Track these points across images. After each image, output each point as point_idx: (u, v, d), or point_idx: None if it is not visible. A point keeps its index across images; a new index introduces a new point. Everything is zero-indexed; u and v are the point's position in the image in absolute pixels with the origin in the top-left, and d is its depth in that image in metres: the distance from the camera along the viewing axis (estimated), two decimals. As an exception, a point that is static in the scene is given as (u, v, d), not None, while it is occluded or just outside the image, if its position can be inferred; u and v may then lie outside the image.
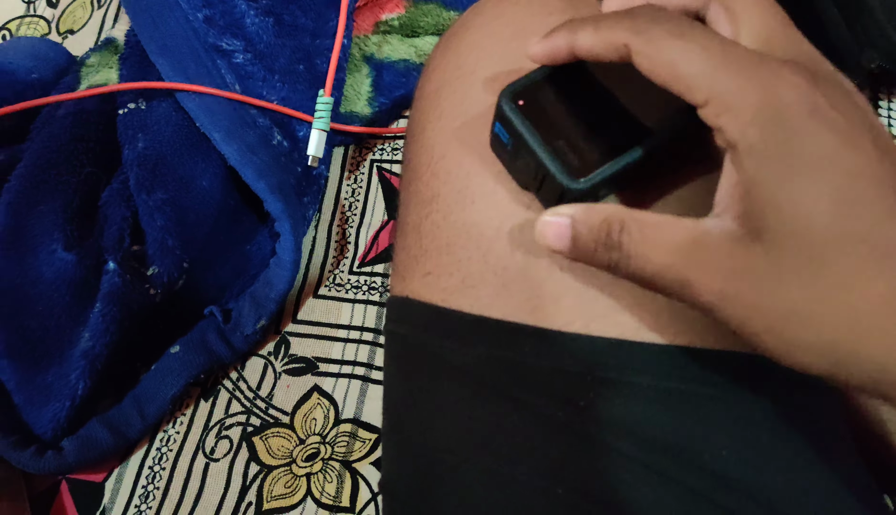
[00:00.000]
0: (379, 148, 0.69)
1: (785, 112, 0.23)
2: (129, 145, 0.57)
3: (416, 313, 0.38)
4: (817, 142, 0.23)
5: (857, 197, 0.23)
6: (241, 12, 0.62)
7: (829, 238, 0.23)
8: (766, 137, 0.23)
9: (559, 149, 0.27)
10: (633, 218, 0.26)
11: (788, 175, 0.23)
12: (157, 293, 0.54)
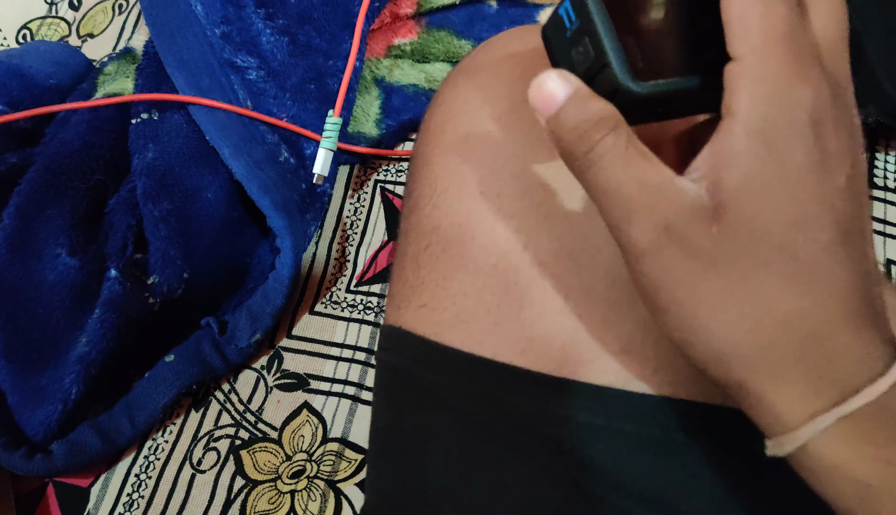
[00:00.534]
0: (384, 168, 0.70)
1: (793, 112, 0.23)
2: (138, 154, 0.58)
3: (409, 344, 0.38)
4: (805, 154, 0.23)
5: (811, 221, 0.23)
6: (258, 30, 0.64)
7: (772, 247, 0.23)
8: (765, 127, 0.23)
9: (628, 44, 0.25)
10: (628, 132, 0.25)
11: (768, 172, 0.23)
12: (156, 302, 0.55)
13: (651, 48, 0.25)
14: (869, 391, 0.23)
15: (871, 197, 0.25)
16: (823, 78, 0.23)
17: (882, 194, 0.61)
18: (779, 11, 0.23)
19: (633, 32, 0.25)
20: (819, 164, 0.23)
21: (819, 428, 0.23)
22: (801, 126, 0.23)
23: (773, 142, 0.23)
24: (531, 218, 0.37)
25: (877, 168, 0.62)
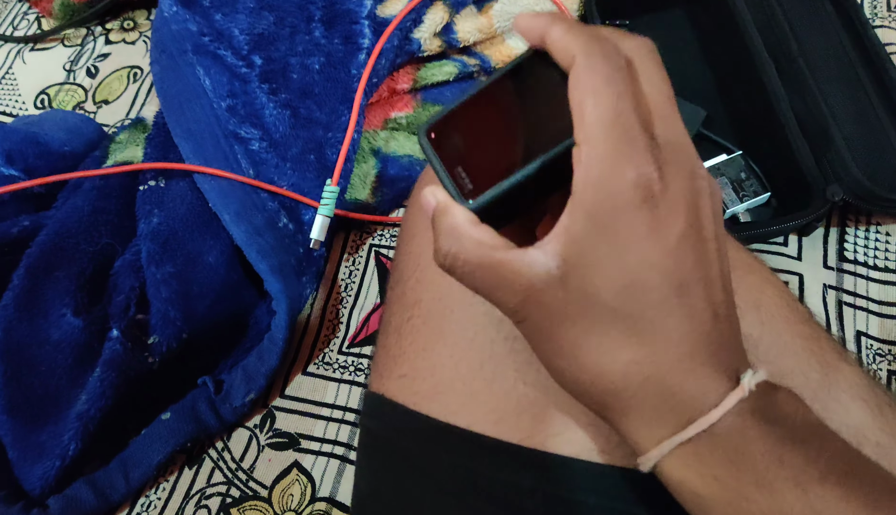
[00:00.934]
0: (379, 233, 0.73)
1: (616, 193, 0.26)
2: (144, 219, 0.61)
3: (389, 413, 0.41)
4: (629, 229, 0.26)
5: (640, 284, 0.26)
6: (262, 104, 0.67)
7: (607, 309, 0.27)
8: (597, 202, 0.26)
9: (457, 174, 0.30)
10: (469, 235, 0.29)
11: (599, 248, 0.26)
12: (155, 361, 0.57)
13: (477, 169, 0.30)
14: (700, 422, 0.26)
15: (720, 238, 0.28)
16: (648, 153, 0.26)
17: (851, 267, 0.63)
18: (606, 101, 0.26)
19: (461, 162, 0.30)
20: (645, 234, 0.26)
21: (664, 452, 0.27)
22: (624, 204, 0.26)
23: (600, 221, 0.26)
24: None
25: (846, 243, 0.64)
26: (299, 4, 0.72)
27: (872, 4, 0.77)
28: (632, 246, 0.26)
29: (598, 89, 0.26)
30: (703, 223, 0.27)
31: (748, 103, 0.70)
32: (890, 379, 0.58)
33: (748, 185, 0.66)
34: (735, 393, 0.27)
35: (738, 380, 0.27)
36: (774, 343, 0.41)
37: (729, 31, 0.71)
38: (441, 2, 0.76)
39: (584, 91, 0.26)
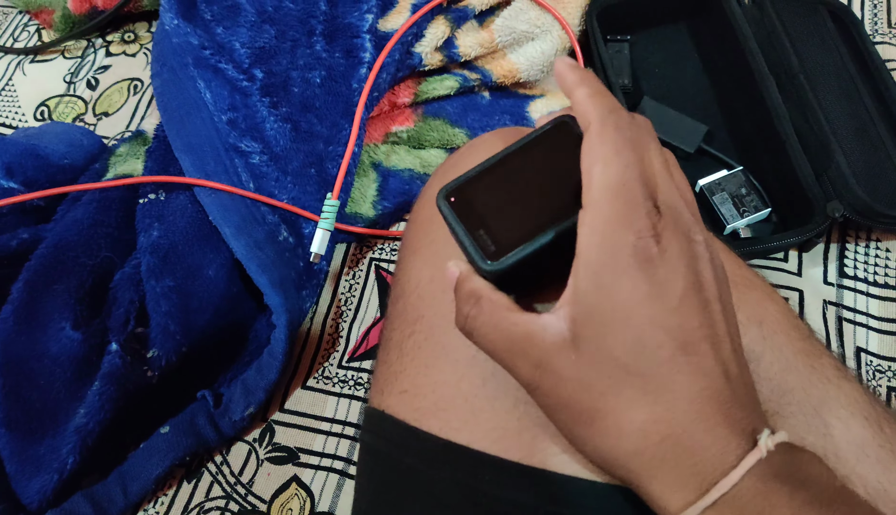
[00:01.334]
0: (379, 247, 0.73)
1: (618, 255, 0.27)
2: (144, 233, 0.61)
3: (390, 429, 0.40)
4: (632, 289, 0.27)
5: (647, 342, 0.27)
6: (263, 117, 0.68)
7: (618, 368, 0.28)
8: (600, 264, 0.27)
9: (479, 237, 0.32)
10: (489, 298, 0.30)
11: (604, 307, 0.27)
12: (154, 375, 0.57)
13: (499, 233, 0.32)
14: (723, 483, 0.26)
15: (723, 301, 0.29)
16: (647, 220, 0.28)
17: (852, 284, 0.63)
18: (613, 169, 0.28)
19: (483, 226, 0.32)
20: (647, 294, 0.27)
21: None
22: (625, 266, 0.27)
23: (603, 282, 0.27)
24: None
25: (846, 258, 0.64)
26: (300, 18, 0.73)
27: (873, 21, 0.78)
28: (635, 305, 0.27)
29: (608, 157, 0.28)
30: (703, 285, 0.28)
31: (749, 119, 0.70)
32: (890, 395, 0.58)
33: (749, 201, 0.66)
34: (753, 454, 0.27)
35: (756, 441, 0.27)
36: (776, 359, 0.41)
37: (730, 46, 0.72)
38: (442, 16, 0.76)
39: (594, 158, 0.28)
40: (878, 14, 0.78)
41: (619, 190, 0.28)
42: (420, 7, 0.75)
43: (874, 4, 0.79)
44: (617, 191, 0.28)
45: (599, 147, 0.28)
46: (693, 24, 0.79)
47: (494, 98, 0.77)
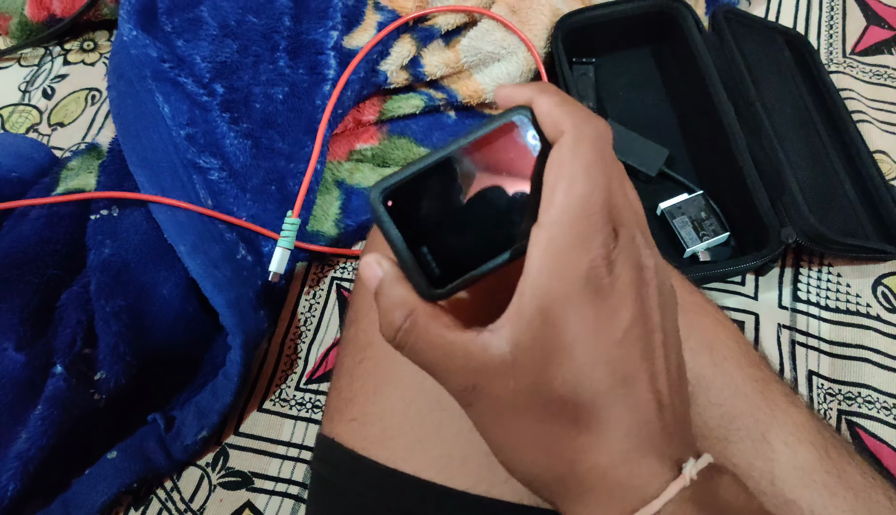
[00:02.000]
0: (341, 266, 0.72)
1: (568, 286, 0.26)
2: (95, 250, 0.59)
3: (339, 457, 0.40)
4: (578, 322, 0.26)
5: (587, 374, 0.27)
6: (222, 133, 0.67)
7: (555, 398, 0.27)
8: (550, 290, 0.26)
9: (422, 257, 0.28)
10: (423, 311, 0.28)
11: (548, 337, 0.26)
12: (102, 398, 0.56)
13: (443, 254, 0.28)
14: (643, 511, 0.27)
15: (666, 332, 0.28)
16: (603, 248, 0.26)
17: (805, 308, 0.64)
18: (579, 190, 0.26)
19: (426, 242, 0.28)
20: (594, 328, 0.26)
21: None
22: (575, 296, 0.26)
23: (552, 311, 0.26)
24: None
25: (800, 283, 0.65)
26: (264, 33, 0.72)
27: (829, 50, 0.80)
28: (581, 339, 0.26)
29: (576, 176, 0.26)
30: (649, 314, 0.28)
31: (709, 145, 0.71)
32: (840, 418, 0.59)
33: (708, 225, 0.67)
34: (676, 483, 0.27)
35: (681, 469, 0.27)
36: (726, 385, 0.41)
37: (691, 73, 0.73)
38: (409, 35, 0.76)
39: (561, 175, 0.26)
40: (834, 43, 0.80)
41: (582, 214, 0.26)
42: (386, 25, 0.75)
43: (830, 34, 0.81)
44: (579, 216, 0.26)
45: (570, 163, 0.26)
46: (657, 49, 0.80)
47: (460, 118, 0.77)
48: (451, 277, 0.28)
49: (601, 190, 0.26)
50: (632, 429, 0.27)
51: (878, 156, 0.70)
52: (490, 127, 0.28)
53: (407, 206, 0.28)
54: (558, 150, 0.27)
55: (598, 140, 0.27)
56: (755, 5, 0.84)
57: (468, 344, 0.27)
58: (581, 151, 0.26)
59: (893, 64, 0.78)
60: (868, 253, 0.64)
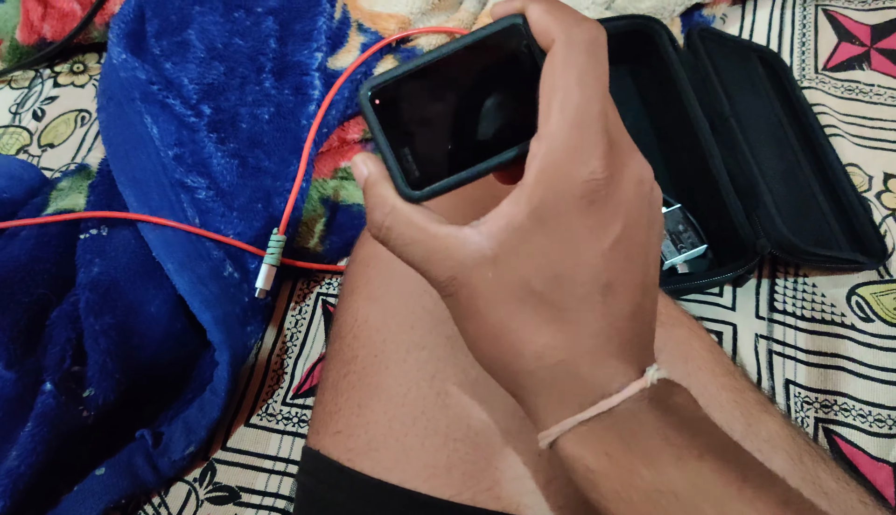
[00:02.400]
0: (327, 282, 0.73)
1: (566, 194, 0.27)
2: (84, 269, 0.60)
3: (324, 469, 0.41)
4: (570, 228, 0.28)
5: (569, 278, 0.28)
6: (210, 153, 0.68)
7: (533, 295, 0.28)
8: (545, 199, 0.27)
9: (403, 156, 0.29)
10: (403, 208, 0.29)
11: (538, 239, 0.28)
12: (90, 415, 0.56)
13: (425, 155, 0.29)
14: (600, 405, 0.29)
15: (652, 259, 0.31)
16: (603, 160, 0.27)
17: (781, 317, 0.66)
18: (575, 100, 0.27)
19: (409, 143, 0.29)
20: (584, 235, 0.28)
21: (564, 429, 0.30)
22: (570, 205, 0.27)
23: (544, 216, 0.28)
24: (441, 349, 0.41)
25: (777, 293, 0.67)
26: (250, 56, 0.73)
27: (801, 66, 0.82)
28: (569, 243, 0.28)
29: (570, 86, 0.27)
30: (639, 228, 0.29)
31: (686, 159, 0.73)
32: (817, 426, 0.60)
33: (686, 237, 0.68)
34: (637, 383, 0.29)
35: (643, 373, 0.30)
36: (701, 394, 0.42)
37: (668, 90, 0.74)
38: (391, 56, 0.78)
39: (556, 85, 0.27)
40: (806, 60, 0.82)
41: (579, 124, 0.27)
42: (369, 46, 0.77)
43: (802, 51, 0.83)
44: (576, 126, 0.27)
45: (563, 73, 0.27)
46: (634, 67, 0.82)
47: (441, 136, 0.79)
48: (430, 180, 0.29)
49: (597, 100, 0.27)
50: (602, 332, 0.29)
51: (850, 168, 0.72)
52: (482, 33, 0.29)
53: (393, 106, 0.29)
54: (551, 60, 0.27)
55: (591, 44, 0.27)
56: (729, 24, 0.86)
57: (448, 239, 0.29)
58: (573, 59, 0.27)
59: (864, 79, 0.80)
60: (841, 263, 0.65)
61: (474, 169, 0.29)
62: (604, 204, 0.28)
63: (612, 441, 0.29)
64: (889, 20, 0.84)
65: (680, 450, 0.28)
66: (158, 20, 0.75)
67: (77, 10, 0.85)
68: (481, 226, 0.28)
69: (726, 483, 0.27)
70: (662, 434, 0.28)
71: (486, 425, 0.38)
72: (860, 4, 0.86)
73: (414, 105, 0.29)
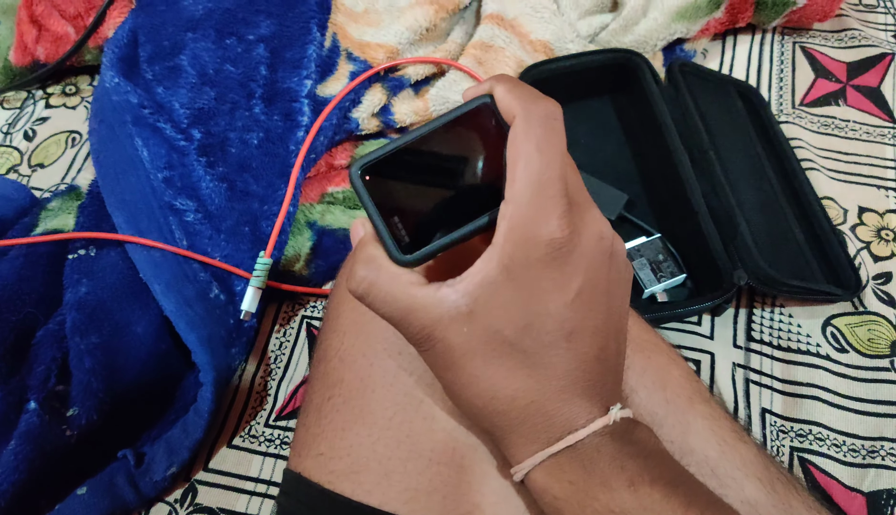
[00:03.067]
0: (311, 305, 0.74)
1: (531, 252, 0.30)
2: (72, 289, 0.61)
3: (305, 492, 0.41)
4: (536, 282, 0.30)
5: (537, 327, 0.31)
6: (199, 177, 0.69)
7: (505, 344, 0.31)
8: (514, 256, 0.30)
9: (393, 225, 0.32)
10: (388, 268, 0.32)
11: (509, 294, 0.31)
12: (74, 434, 0.57)
13: (414, 222, 0.32)
14: (567, 439, 0.32)
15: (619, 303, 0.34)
16: (564, 219, 0.30)
17: (758, 347, 0.67)
18: (535, 166, 0.30)
19: (398, 213, 0.32)
20: (549, 288, 0.31)
21: (535, 463, 0.33)
22: (536, 261, 0.30)
23: (513, 272, 0.30)
24: (429, 375, 0.42)
25: (753, 323, 0.68)
26: (241, 82, 0.75)
27: (779, 102, 0.84)
28: (536, 295, 0.31)
29: (531, 154, 0.30)
30: (599, 279, 0.32)
31: (666, 190, 0.75)
32: (792, 454, 0.61)
33: (665, 267, 0.70)
34: (602, 420, 0.32)
35: (608, 411, 0.32)
36: (678, 422, 0.44)
37: (649, 122, 0.76)
38: (380, 84, 0.80)
39: (518, 154, 0.30)
40: (784, 95, 0.85)
41: (539, 187, 0.30)
42: (358, 75, 0.78)
43: (780, 87, 0.85)
44: (537, 189, 0.30)
45: (524, 143, 0.30)
46: (616, 98, 0.84)
47: (428, 163, 0.80)
48: (420, 245, 0.32)
49: (555, 165, 0.30)
50: (568, 374, 0.32)
51: (825, 202, 0.74)
52: (457, 113, 0.33)
53: (382, 180, 0.32)
54: (513, 132, 0.31)
55: (547, 118, 0.31)
56: (710, 59, 0.89)
57: (426, 299, 0.31)
58: (531, 132, 0.30)
59: (840, 115, 0.82)
60: (817, 294, 0.67)
61: (458, 233, 0.32)
62: (566, 259, 0.31)
63: (575, 470, 0.32)
64: (864, 58, 0.86)
65: (633, 476, 0.31)
66: (151, 45, 0.76)
67: (71, 33, 0.86)
68: (458, 284, 0.31)
69: (674, 507, 0.30)
70: (619, 463, 0.31)
71: (473, 449, 0.39)
72: (836, 42, 0.89)
73: (401, 179, 0.33)
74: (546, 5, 0.83)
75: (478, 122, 0.32)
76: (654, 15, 0.83)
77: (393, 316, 0.32)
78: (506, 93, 0.31)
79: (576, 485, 0.31)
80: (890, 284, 0.69)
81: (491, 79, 0.33)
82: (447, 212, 0.32)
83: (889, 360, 0.65)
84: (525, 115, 0.30)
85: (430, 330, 0.31)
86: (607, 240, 0.32)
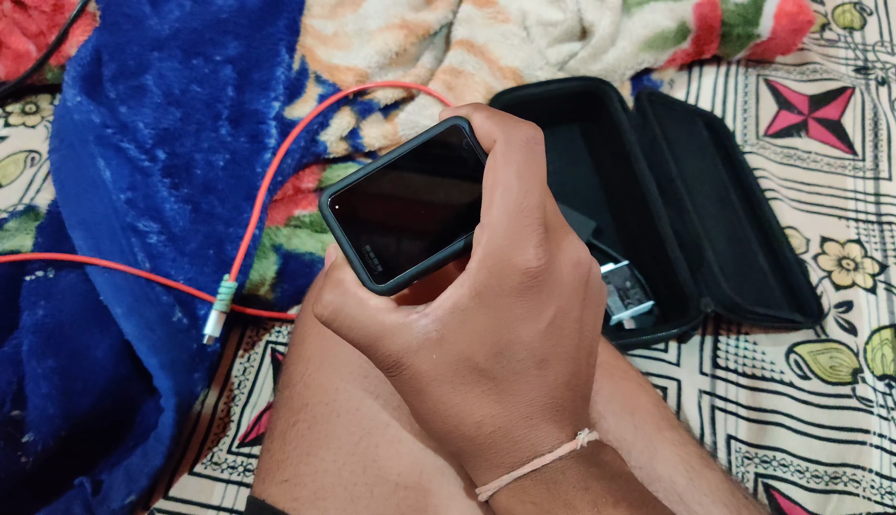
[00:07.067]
0: (276, 330, 0.73)
1: (505, 280, 0.29)
2: (29, 311, 0.59)
3: (267, 520, 0.40)
4: (509, 310, 0.30)
5: (507, 354, 0.31)
6: (163, 198, 0.68)
7: (474, 370, 0.31)
8: (488, 284, 0.30)
9: (365, 254, 0.31)
10: (356, 293, 0.32)
11: (480, 320, 0.30)
12: (29, 461, 0.54)
13: (385, 250, 0.32)
14: (533, 463, 0.32)
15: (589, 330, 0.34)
16: (540, 248, 0.30)
17: (724, 374, 0.68)
18: (513, 194, 0.29)
19: (369, 241, 0.32)
20: (522, 316, 0.30)
21: (500, 485, 0.32)
22: (510, 290, 0.30)
23: (486, 300, 0.30)
24: (394, 399, 0.41)
25: (719, 350, 0.69)
26: (207, 102, 0.74)
27: (743, 132, 0.86)
28: (509, 323, 0.30)
29: (510, 180, 0.29)
30: (573, 306, 0.32)
31: (634, 217, 0.75)
32: (756, 481, 0.61)
33: (633, 294, 0.70)
34: (569, 445, 0.32)
35: (576, 436, 0.32)
36: (646, 448, 0.43)
37: (617, 150, 0.77)
38: (348, 107, 0.80)
39: (497, 179, 0.30)
40: (748, 126, 0.86)
41: (517, 216, 0.29)
42: (327, 97, 0.78)
43: (744, 118, 0.87)
44: (514, 217, 0.29)
45: (503, 168, 0.29)
46: (585, 126, 0.85)
47: (397, 187, 0.80)
48: (394, 273, 0.31)
49: (534, 192, 0.30)
50: (536, 401, 0.31)
51: (788, 231, 0.76)
52: (427, 135, 0.32)
53: (352, 209, 0.31)
54: (493, 157, 0.30)
55: (528, 142, 0.30)
56: (676, 89, 0.90)
57: (394, 325, 0.31)
58: (512, 156, 0.30)
59: (802, 146, 0.84)
60: (780, 322, 0.68)
61: (432, 259, 0.31)
62: (540, 288, 0.30)
63: (539, 492, 0.31)
64: (826, 91, 0.89)
65: (596, 498, 0.31)
66: (116, 64, 0.75)
67: (32, 50, 0.84)
68: (428, 310, 0.31)
69: None
70: (584, 485, 0.31)
71: (440, 471, 0.39)
72: (799, 75, 0.91)
73: (371, 206, 0.32)
74: (516, 32, 0.84)
75: (449, 145, 0.32)
76: (622, 44, 0.85)
77: (360, 342, 0.32)
78: (485, 119, 0.31)
79: (539, 506, 0.31)
80: (851, 312, 0.70)
81: (467, 105, 0.32)
82: (421, 238, 0.32)
83: (850, 387, 0.66)
84: (506, 140, 0.30)
85: (398, 357, 0.31)
86: (584, 265, 0.32)
